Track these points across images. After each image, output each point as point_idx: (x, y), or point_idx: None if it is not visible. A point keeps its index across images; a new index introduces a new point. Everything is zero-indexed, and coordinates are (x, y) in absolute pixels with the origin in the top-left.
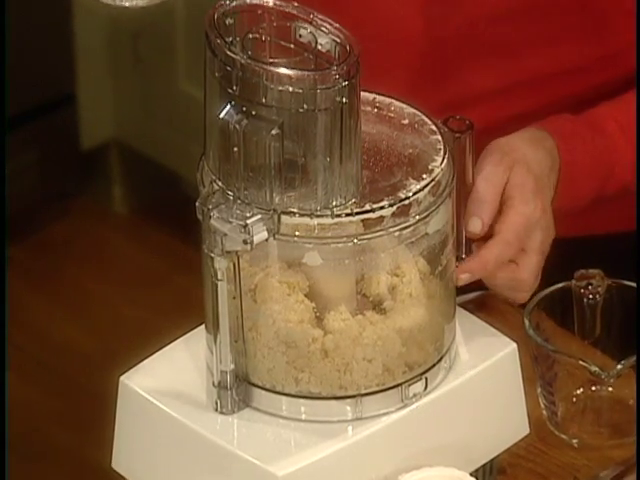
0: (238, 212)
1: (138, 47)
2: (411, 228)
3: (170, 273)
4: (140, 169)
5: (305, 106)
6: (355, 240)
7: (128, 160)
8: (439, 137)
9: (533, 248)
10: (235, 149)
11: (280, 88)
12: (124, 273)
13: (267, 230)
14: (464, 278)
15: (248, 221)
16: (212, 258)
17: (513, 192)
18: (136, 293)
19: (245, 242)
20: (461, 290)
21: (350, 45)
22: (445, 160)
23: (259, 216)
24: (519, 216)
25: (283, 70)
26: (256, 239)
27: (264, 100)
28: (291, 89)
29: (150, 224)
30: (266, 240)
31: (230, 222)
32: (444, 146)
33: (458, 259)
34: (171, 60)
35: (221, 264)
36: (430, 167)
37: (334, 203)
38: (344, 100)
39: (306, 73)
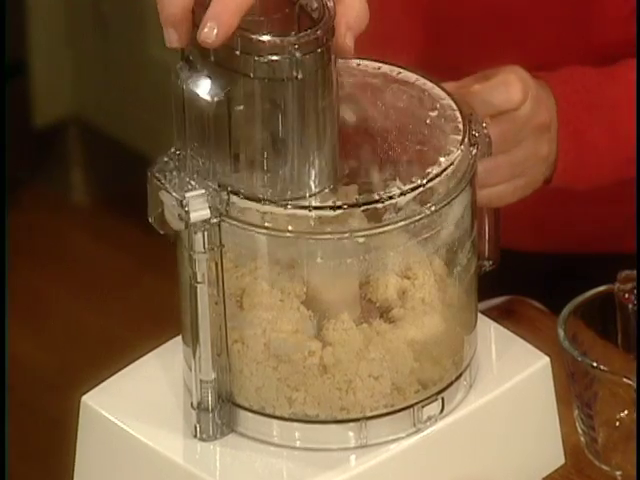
0: (186, 186)
1: (100, 7)
2: (425, 221)
3: (140, 274)
4: (103, 151)
5: (271, 74)
6: (359, 236)
7: (89, 140)
8: (458, 113)
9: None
10: (180, 114)
11: (237, 52)
12: (85, 274)
13: (211, 209)
14: None
15: (187, 194)
16: (190, 256)
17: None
18: (99, 298)
19: (180, 218)
20: (484, 295)
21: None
22: (465, 141)
23: (202, 191)
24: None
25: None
26: (194, 217)
27: (212, 58)
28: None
29: (115, 216)
30: (208, 221)
31: (172, 195)
32: (464, 125)
33: (480, 259)
34: (139, 22)
35: (201, 263)
36: (447, 149)
37: (303, 192)
38: (315, 69)
39: (268, 38)
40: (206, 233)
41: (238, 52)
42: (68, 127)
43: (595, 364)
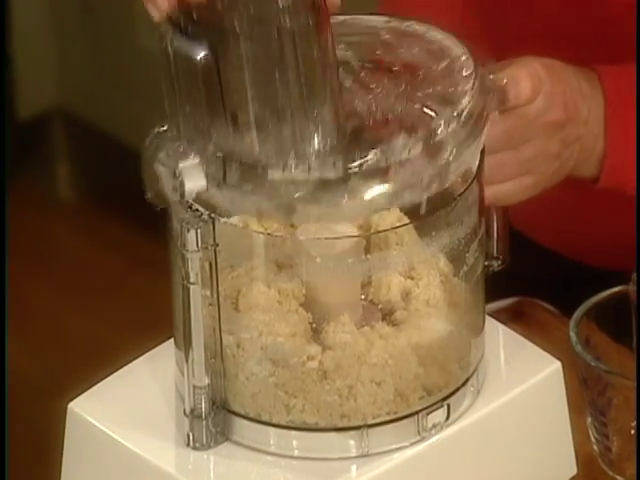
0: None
1: None
2: (430, 219)
3: (129, 274)
4: (90, 144)
5: (258, 25)
6: (360, 235)
7: (75, 133)
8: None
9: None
10: (168, 77)
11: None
12: (71, 274)
13: (208, 178)
14: None
15: (181, 164)
16: (183, 255)
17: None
18: (86, 300)
19: (174, 189)
20: (492, 296)
21: None
22: (475, 87)
23: (197, 160)
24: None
25: None
26: (189, 188)
27: (195, 17)
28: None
29: (103, 213)
30: (206, 192)
31: (165, 166)
32: (475, 73)
33: (488, 258)
34: (127, 10)
35: (194, 263)
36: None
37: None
38: (305, 16)
39: None
40: (199, 230)
41: (220, 6)
42: (53, 119)
43: (609, 369)
